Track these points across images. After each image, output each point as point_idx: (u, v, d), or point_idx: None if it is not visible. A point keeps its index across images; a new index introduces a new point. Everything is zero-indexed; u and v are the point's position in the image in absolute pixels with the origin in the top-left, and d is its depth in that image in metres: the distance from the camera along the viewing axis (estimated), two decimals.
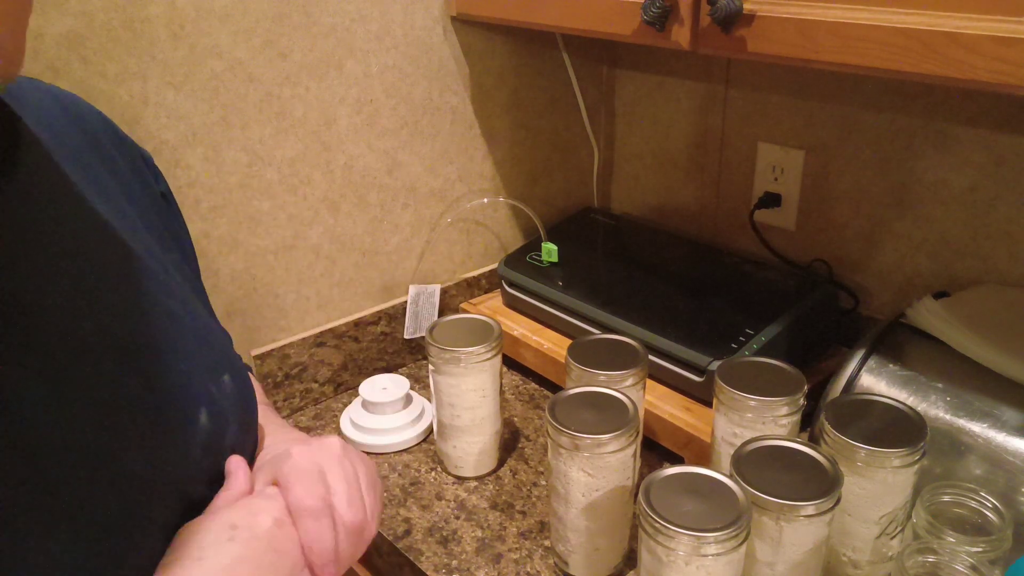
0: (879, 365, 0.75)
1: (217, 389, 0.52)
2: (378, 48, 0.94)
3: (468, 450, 0.84)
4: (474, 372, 0.80)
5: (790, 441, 0.63)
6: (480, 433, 0.84)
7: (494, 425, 0.85)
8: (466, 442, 0.84)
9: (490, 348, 0.80)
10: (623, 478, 0.67)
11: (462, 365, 0.80)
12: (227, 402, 0.52)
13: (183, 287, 0.55)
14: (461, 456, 0.85)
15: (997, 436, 0.67)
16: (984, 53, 0.53)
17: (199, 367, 0.51)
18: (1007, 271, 0.87)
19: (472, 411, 0.82)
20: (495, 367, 0.82)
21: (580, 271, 1.04)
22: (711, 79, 1.08)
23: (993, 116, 0.84)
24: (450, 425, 0.83)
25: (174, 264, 0.56)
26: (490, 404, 0.83)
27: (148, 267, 0.50)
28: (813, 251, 1.03)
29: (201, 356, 0.51)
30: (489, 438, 0.85)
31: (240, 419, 0.54)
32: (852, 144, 0.96)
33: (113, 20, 0.75)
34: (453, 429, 0.84)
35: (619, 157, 1.25)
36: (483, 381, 0.81)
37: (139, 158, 0.59)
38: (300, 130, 0.91)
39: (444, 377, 0.81)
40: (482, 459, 0.86)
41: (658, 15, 0.70)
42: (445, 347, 0.79)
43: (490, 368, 0.81)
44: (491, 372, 0.82)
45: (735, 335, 0.86)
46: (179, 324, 0.51)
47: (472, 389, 0.81)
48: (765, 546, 0.60)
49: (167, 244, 0.58)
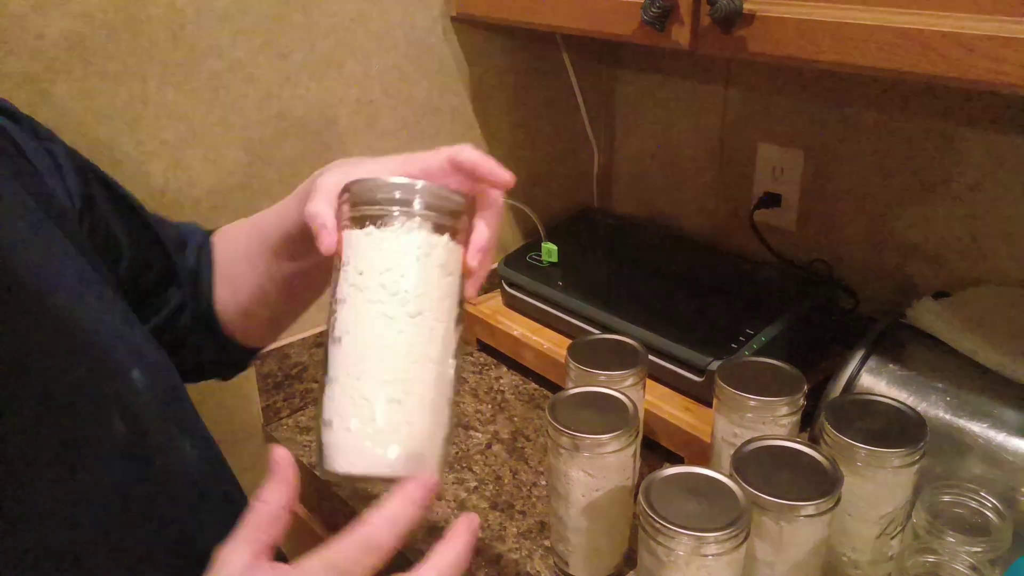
0: (879, 365, 0.75)
1: (127, 388, 0.47)
2: (378, 48, 0.94)
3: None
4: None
5: (790, 441, 0.63)
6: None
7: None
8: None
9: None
10: (623, 478, 0.67)
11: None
12: (141, 401, 0.48)
13: (74, 272, 0.50)
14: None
15: (997, 436, 0.67)
16: (984, 53, 0.53)
17: (100, 368, 0.46)
18: (1007, 271, 0.87)
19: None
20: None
21: (580, 271, 1.04)
22: (711, 79, 1.08)
23: (993, 116, 0.84)
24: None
25: (58, 241, 0.50)
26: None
27: (16, 268, 0.45)
28: (813, 251, 1.03)
29: (101, 355, 0.47)
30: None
31: (162, 415, 0.50)
32: (852, 144, 0.96)
33: (113, 20, 0.75)
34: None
35: (619, 157, 1.25)
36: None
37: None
38: (300, 130, 0.91)
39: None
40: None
41: (658, 15, 0.70)
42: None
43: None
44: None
45: (735, 335, 0.86)
46: (68, 324, 0.46)
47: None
48: (765, 546, 0.60)
49: (46, 221, 0.50)
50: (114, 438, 0.45)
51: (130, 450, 0.46)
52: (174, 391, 0.54)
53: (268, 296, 0.64)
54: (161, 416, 0.50)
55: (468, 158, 0.50)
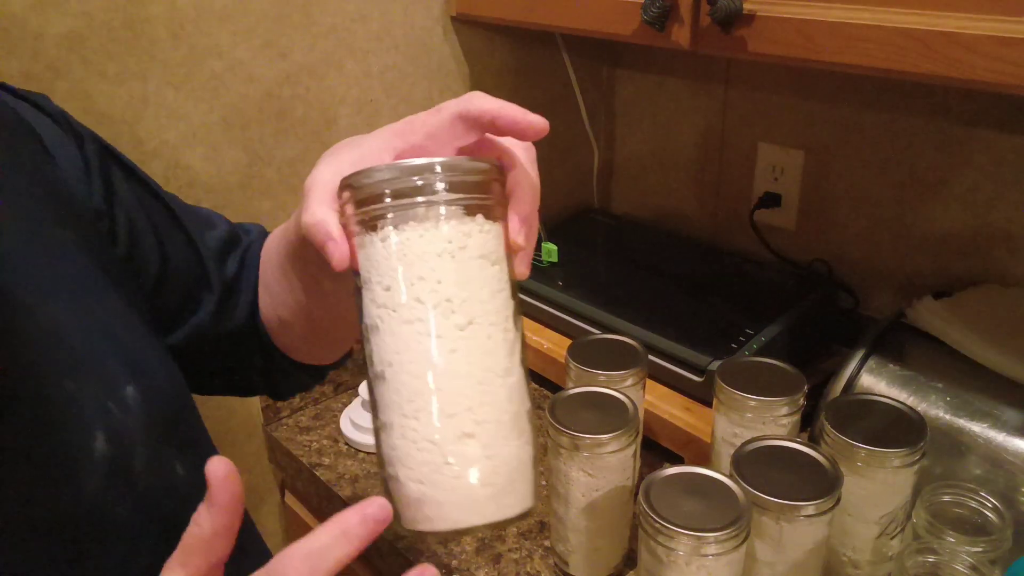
0: (879, 365, 0.75)
1: (117, 405, 0.44)
2: (378, 48, 0.94)
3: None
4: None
5: (790, 441, 0.63)
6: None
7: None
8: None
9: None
10: (623, 478, 0.67)
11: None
12: (131, 420, 0.45)
13: (77, 278, 0.47)
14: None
15: (997, 436, 0.67)
16: (984, 53, 0.53)
17: (89, 384, 0.44)
18: (1007, 271, 0.87)
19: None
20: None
21: (580, 271, 1.04)
22: (711, 79, 1.08)
23: (993, 116, 0.84)
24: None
25: (62, 244, 0.48)
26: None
27: (6, 277, 0.43)
28: (813, 251, 1.03)
29: (92, 370, 0.44)
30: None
31: (154, 435, 0.46)
32: (852, 144, 0.96)
33: (113, 20, 0.75)
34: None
35: (619, 157, 1.25)
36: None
37: (27, 137, 0.50)
38: (300, 130, 0.91)
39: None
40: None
41: (658, 15, 0.70)
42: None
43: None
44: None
45: (735, 335, 0.86)
46: (59, 336, 0.44)
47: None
48: (765, 546, 0.60)
49: (51, 221, 0.48)
50: (95, 458, 0.42)
51: (112, 472, 0.43)
52: (174, 409, 0.50)
53: (303, 307, 0.55)
54: (152, 436, 0.46)
55: (482, 108, 0.40)
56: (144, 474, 0.45)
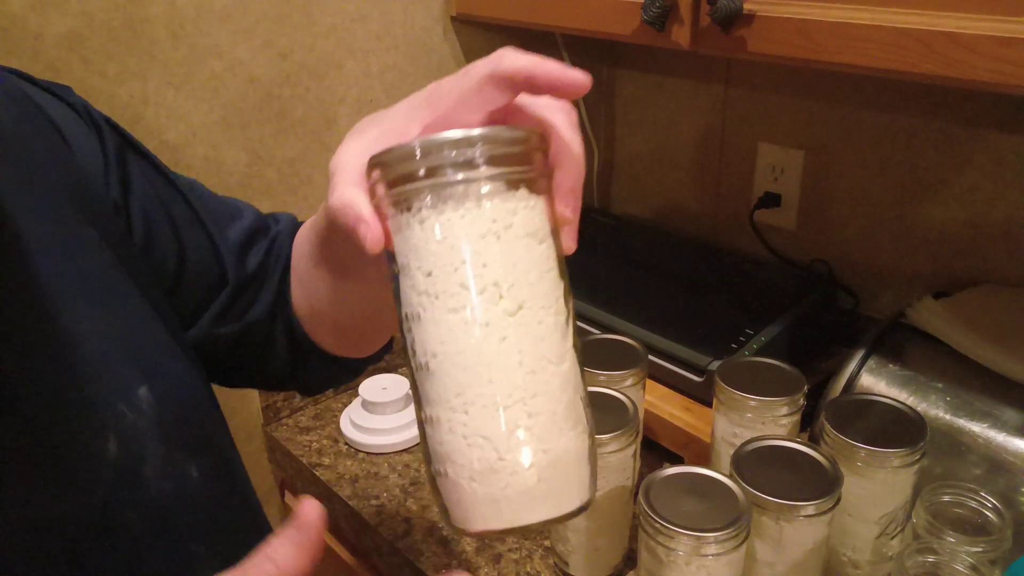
0: (879, 365, 0.75)
1: (129, 407, 0.43)
2: (378, 48, 0.94)
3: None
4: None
5: (790, 441, 0.63)
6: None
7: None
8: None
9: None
10: (623, 478, 0.67)
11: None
12: (144, 421, 0.44)
13: (98, 279, 0.46)
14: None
15: (997, 436, 0.67)
16: (984, 53, 0.53)
17: (104, 384, 0.43)
18: (1007, 271, 0.87)
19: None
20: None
21: (580, 271, 1.03)
22: (711, 79, 1.08)
23: (993, 116, 0.84)
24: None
25: (85, 241, 0.47)
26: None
27: (28, 278, 0.42)
28: (813, 251, 1.03)
29: (105, 371, 0.43)
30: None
31: (167, 437, 0.45)
32: (852, 144, 0.96)
33: (113, 20, 0.75)
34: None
35: (619, 157, 1.25)
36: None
37: (48, 127, 0.49)
38: (300, 130, 0.91)
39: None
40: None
41: (658, 15, 0.70)
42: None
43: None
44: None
45: (735, 335, 0.86)
46: (75, 338, 0.43)
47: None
48: (765, 546, 0.60)
49: (73, 217, 0.47)
50: (105, 461, 0.42)
51: (122, 474, 0.42)
52: (188, 410, 0.49)
53: (336, 298, 0.53)
54: (165, 439, 0.45)
55: (515, 66, 0.35)
56: (155, 478, 0.44)
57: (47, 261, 0.44)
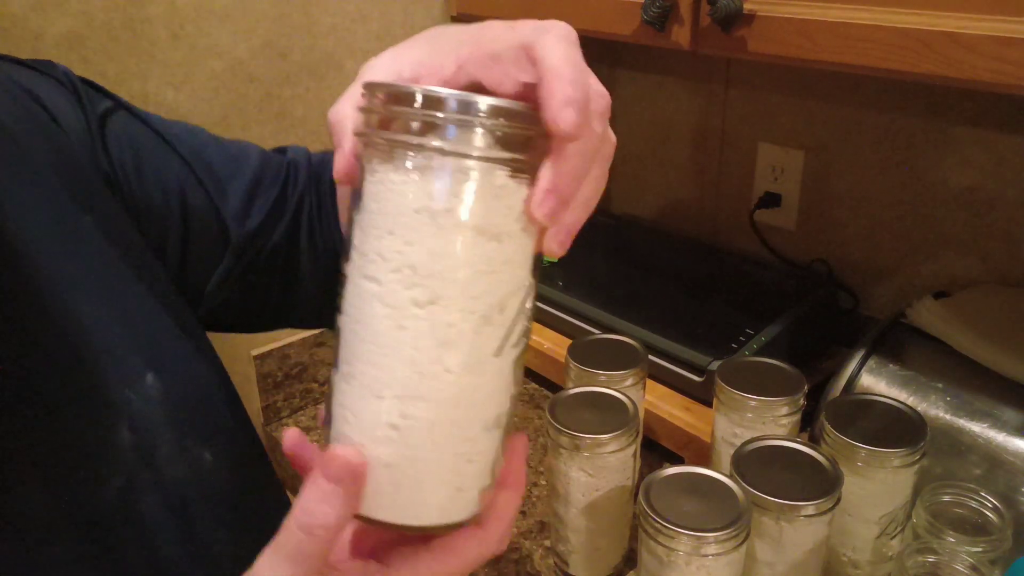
0: (879, 365, 0.75)
1: (137, 394, 0.44)
2: (378, 48, 0.93)
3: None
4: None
5: (790, 441, 0.63)
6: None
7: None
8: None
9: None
10: (623, 478, 0.67)
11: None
12: (153, 408, 0.44)
13: (98, 267, 0.46)
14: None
15: (997, 436, 0.67)
16: (984, 53, 0.53)
17: (111, 374, 0.43)
18: (1007, 271, 0.87)
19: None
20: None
21: (580, 271, 1.04)
22: (711, 79, 1.08)
23: (993, 116, 0.84)
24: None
25: (84, 231, 0.46)
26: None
27: (31, 270, 0.42)
28: (813, 251, 1.03)
29: (111, 360, 0.44)
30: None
31: (178, 422, 0.45)
32: (852, 144, 0.96)
33: (113, 20, 0.75)
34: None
35: (619, 157, 1.24)
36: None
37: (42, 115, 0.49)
38: (300, 130, 0.91)
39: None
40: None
41: (658, 15, 0.70)
42: None
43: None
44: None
45: (735, 335, 0.86)
46: (79, 328, 0.43)
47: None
48: (765, 546, 0.60)
49: (70, 208, 0.46)
50: (120, 448, 0.42)
51: (136, 460, 0.43)
52: (198, 395, 0.48)
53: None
54: (176, 424, 0.45)
55: (543, 56, 0.31)
56: (169, 464, 0.44)
57: (48, 257, 0.44)
